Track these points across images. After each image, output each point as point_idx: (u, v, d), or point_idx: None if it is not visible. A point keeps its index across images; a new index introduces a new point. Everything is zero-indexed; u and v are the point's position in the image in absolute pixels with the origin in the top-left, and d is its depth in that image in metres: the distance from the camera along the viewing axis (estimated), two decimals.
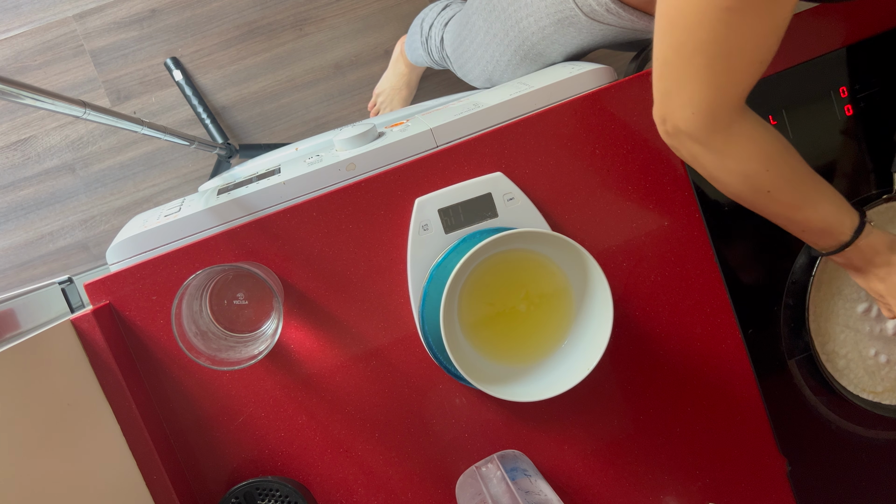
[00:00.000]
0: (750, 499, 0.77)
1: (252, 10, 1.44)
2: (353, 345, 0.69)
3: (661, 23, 0.55)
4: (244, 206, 0.69)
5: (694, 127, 0.57)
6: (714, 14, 0.51)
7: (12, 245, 1.45)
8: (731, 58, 0.53)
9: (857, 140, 0.76)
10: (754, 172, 0.60)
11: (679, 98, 0.57)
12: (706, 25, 0.52)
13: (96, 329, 0.63)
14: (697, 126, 0.57)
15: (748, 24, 0.52)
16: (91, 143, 1.44)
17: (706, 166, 0.60)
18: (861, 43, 0.75)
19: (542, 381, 0.65)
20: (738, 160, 0.59)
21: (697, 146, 0.59)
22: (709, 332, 0.74)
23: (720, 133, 0.57)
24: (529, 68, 0.88)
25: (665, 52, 0.56)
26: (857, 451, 0.79)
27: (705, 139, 0.58)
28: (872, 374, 0.77)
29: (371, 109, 1.49)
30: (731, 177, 0.61)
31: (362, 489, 0.71)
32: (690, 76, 0.55)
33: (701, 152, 0.59)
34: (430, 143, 0.71)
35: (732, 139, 0.58)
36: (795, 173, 0.62)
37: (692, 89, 0.55)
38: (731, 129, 0.58)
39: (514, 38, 0.84)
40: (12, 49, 1.41)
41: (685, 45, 0.54)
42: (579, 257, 0.62)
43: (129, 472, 0.64)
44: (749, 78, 0.56)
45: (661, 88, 0.58)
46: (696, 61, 0.54)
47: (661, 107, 0.59)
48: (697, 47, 0.53)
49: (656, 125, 0.61)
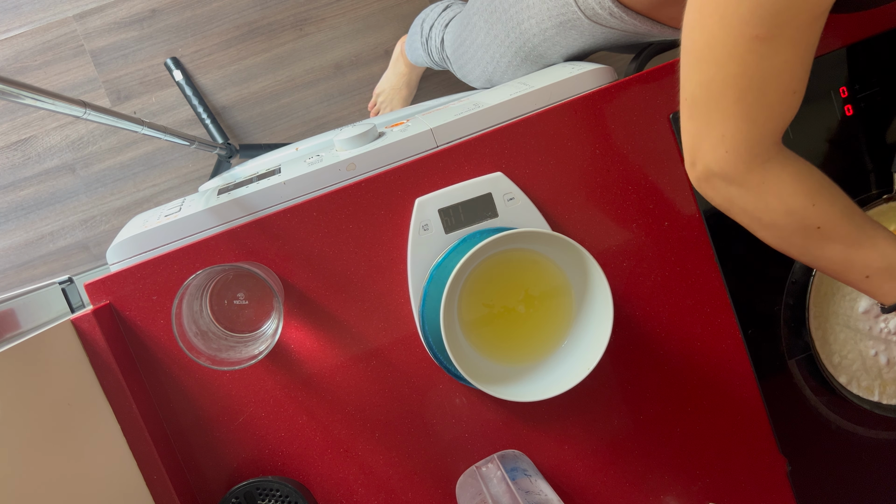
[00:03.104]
0: (750, 499, 0.77)
1: (252, 10, 1.44)
2: (354, 345, 0.69)
3: (686, 59, 0.53)
4: (244, 206, 0.69)
5: (729, 167, 0.53)
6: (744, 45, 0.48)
7: (12, 245, 1.45)
8: (764, 90, 0.50)
9: (857, 140, 0.76)
10: (800, 207, 0.55)
11: (710, 138, 0.53)
12: (736, 58, 0.49)
13: (96, 329, 0.63)
14: (732, 165, 0.53)
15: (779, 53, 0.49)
16: (91, 143, 1.44)
17: (746, 208, 0.56)
18: (861, 43, 0.75)
19: (542, 381, 0.65)
20: (781, 197, 0.54)
21: (733, 188, 0.54)
22: (709, 332, 0.74)
23: (757, 171, 0.53)
24: (530, 69, 0.87)
25: (693, 90, 0.53)
26: (857, 451, 0.79)
27: (742, 178, 0.54)
28: (873, 374, 0.77)
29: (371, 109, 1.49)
30: (775, 216, 0.55)
31: (362, 489, 0.71)
32: (722, 112, 0.52)
33: (738, 194, 0.55)
34: (430, 143, 0.71)
35: (771, 176, 0.54)
36: (846, 206, 0.56)
37: (724, 126, 0.52)
38: (767, 166, 0.53)
39: (515, 40, 0.84)
40: (12, 49, 1.41)
41: (714, 81, 0.51)
42: (579, 257, 0.62)
43: (129, 472, 0.64)
44: (784, 110, 0.52)
45: (691, 130, 0.55)
46: (727, 96, 0.51)
47: (692, 150, 0.55)
48: (727, 81, 0.50)
49: (687, 172, 0.57)
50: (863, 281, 0.58)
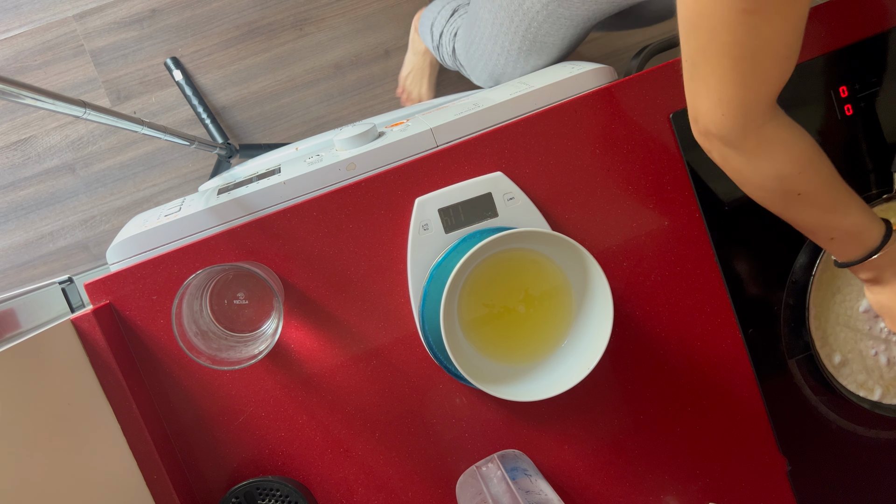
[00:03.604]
0: (750, 499, 0.77)
1: (252, 10, 1.44)
2: (354, 344, 0.69)
3: (683, 25, 0.55)
4: (244, 205, 0.69)
5: (725, 129, 0.56)
6: (733, 17, 0.50)
7: (12, 245, 1.45)
8: (756, 58, 0.52)
9: (857, 140, 0.76)
10: (788, 174, 0.58)
11: (709, 100, 0.56)
12: (727, 28, 0.51)
13: (97, 329, 0.63)
14: (728, 128, 0.56)
15: (768, 24, 0.51)
16: (91, 143, 1.44)
17: (738, 169, 0.59)
18: (861, 43, 0.75)
19: (542, 380, 0.65)
20: (772, 162, 0.58)
21: (728, 149, 0.58)
22: (709, 331, 0.74)
23: (752, 135, 0.56)
24: (535, 61, 0.89)
25: (691, 54, 0.55)
26: (857, 451, 0.79)
27: (736, 141, 0.57)
28: (873, 374, 0.77)
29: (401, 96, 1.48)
30: (763, 179, 0.59)
31: (362, 489, 0.71)
32: (718, 78, 0.54)
33: (732, 155, 0.58)
34: (430, 143, 0.71)
35: (765, 141, 0.57)
36: (829, 176, 0.60)
37: (721, 91, 0.54)
38: (762, 131, 0.56)
39: (519, 24, 0.85)
40: (12, 49, 1.41)
41: (709, 48, 0.53)
42: (579, 257, 0.62)
43: (129, 472, 0.64)
44: (778, 75, 0.54)
45: (692, 90, 0.57)
46: (722, 63, 0.53)
47: (693, 108, 0.58)
48: (721, 50, 0.52)
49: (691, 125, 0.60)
50: (828, 241, 0.64)
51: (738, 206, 0.74)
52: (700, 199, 0.73)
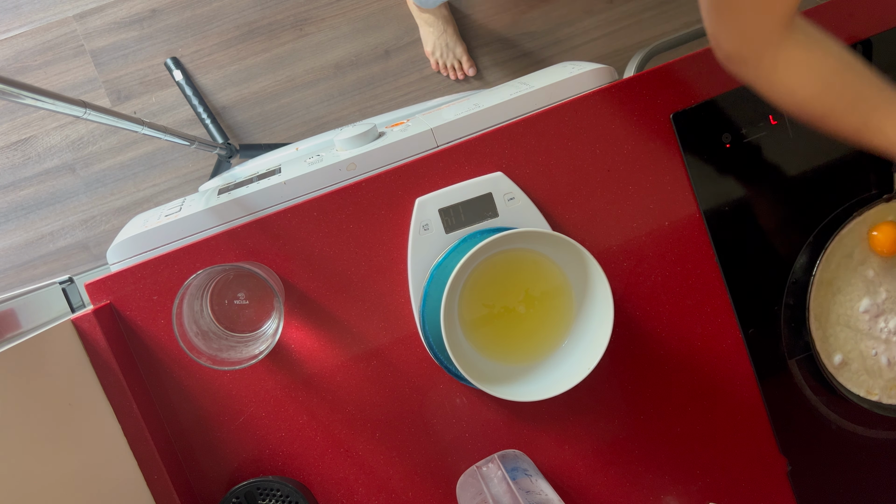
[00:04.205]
0: (750, 499, 0.77)
1: (252, 10, 1.44)
2: (354, 344, 0.70)
3: None
4: (245, 205, 0.69)
5: (743, 50, 0.56)
6: None
7: (12, 245, 1.45)
8: None
9: None
10: (807, 98, 0.57)
11: (726, 21, 0.55)
12: None
13: (97, 329, 0.63)
14: (746, 49, 0.56)
15: None
16: (91, 143, 1.44)
17: (760, 91, 0.59)
18: (861, 43, 0.75)
19: (542, 380, 0.65)
20: (789, 87, 0.57)
21: (749, 70, 0.57)
22: (709, 331, 0.74)
23: (768, 56, 0.56)
24: None
25: None
26: (857, 451, 0.79)
27: (754, 63, 0.56)
28: (873, 374, 0.77)
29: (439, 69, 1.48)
30: (783, 103, 0.59)
31: (363, 489, 0.71)
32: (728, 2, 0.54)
33: (754, 77, 0.58)
34: (430, 143, 0.71)
35: (782, 62, 0.56)
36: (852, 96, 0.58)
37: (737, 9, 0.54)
38: (779, 51, 0.56)
39: None
40: (12, 49, 1.41)
41: None
42: (580, 257, 0.62)
43: (129, 472, 0.64)
44: None
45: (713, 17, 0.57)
46: None
47: (713, 36, 0.58)
48: None
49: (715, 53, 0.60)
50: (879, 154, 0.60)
51: (738, 206, 0.74)
52: (700, 200, 0.73)
